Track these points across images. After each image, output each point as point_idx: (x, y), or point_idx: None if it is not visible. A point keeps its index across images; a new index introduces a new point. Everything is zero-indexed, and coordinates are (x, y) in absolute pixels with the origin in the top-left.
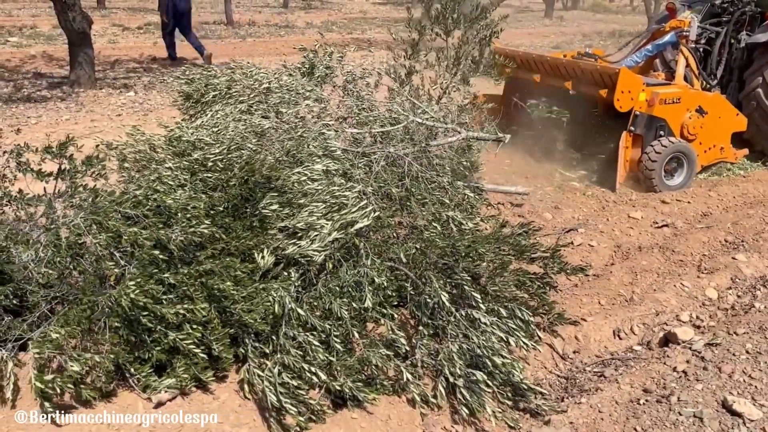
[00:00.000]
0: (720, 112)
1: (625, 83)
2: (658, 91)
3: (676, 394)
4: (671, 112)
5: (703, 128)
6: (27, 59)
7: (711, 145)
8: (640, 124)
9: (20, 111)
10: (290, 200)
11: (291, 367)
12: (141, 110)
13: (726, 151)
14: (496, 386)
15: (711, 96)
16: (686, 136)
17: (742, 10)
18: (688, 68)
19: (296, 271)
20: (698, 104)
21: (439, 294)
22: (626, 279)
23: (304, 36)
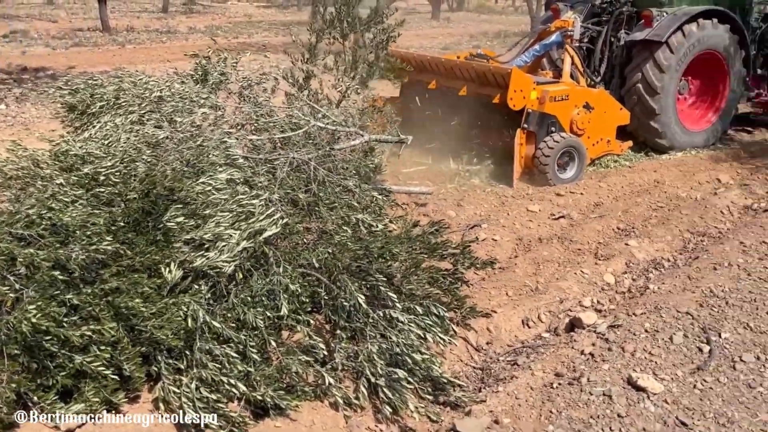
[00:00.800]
0: (605, 107)
1: (517, 82)
2: (548, 89)
3: (586, 375)
4: (561, 108)
5: (591, 123)
6: None
7: (598, 139)
8: (533, 122)
9: None
10: (195, 212)
11: (208, 381)
12: (15, 124)
13: (612, 143)
14: (417, 382)
15: (596, 92)
16: (575, 131)
17: (620, 9)
18: (574, 66)
19: (206, 283)
20: (585, 100)
21: (355, 296)
22: (530, 270)
23: (188, 42)
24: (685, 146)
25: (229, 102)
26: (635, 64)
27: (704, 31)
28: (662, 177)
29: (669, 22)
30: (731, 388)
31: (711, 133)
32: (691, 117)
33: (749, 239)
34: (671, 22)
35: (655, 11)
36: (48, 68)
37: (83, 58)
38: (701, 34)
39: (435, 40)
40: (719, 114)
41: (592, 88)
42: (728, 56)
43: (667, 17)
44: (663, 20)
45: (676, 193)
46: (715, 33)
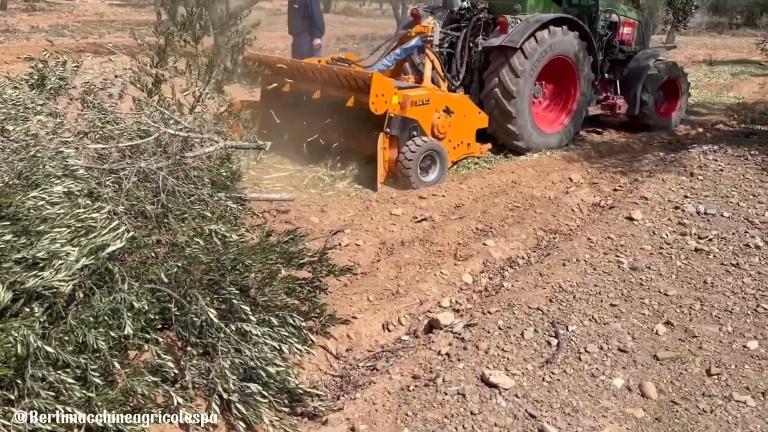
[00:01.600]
0: (465, 111)
1: (379, 87)
2: (409, 93)
3: (441, 375)
4: (422, 113)
5: (451, 127)
6: None
7: (459, 142)
8: (395, 126)
9: None
10: (27, 228)
11: (43, 410)
12: None
13: (472, 146)
14: (272, 395)
15: (456, 97)
16: (436, 135)
17: (478, 16)
18: (434, 71)
19: (40, 305)
20: (445, 105)
21: (206, 311)
22: (392, 273)
23: (29, 42)
24: (540, 147)
25: (71, 109)
26: (492, 69)
27: (555, 38)
28: (519, 178)
29: (523, 29)
30: (576, 378)
31: (564, 135)
32: (545, 119)
33: (596, 235)
34: (525, 29)
35: (510, 18)
36: None
37: None
38: (552, 40)
39: None
40: (571, 116)
41: (453, 93)
42: (578, 61)
43: (521, 24)
44: (517, 27)
45: (531, 192)
46: (565, 39)
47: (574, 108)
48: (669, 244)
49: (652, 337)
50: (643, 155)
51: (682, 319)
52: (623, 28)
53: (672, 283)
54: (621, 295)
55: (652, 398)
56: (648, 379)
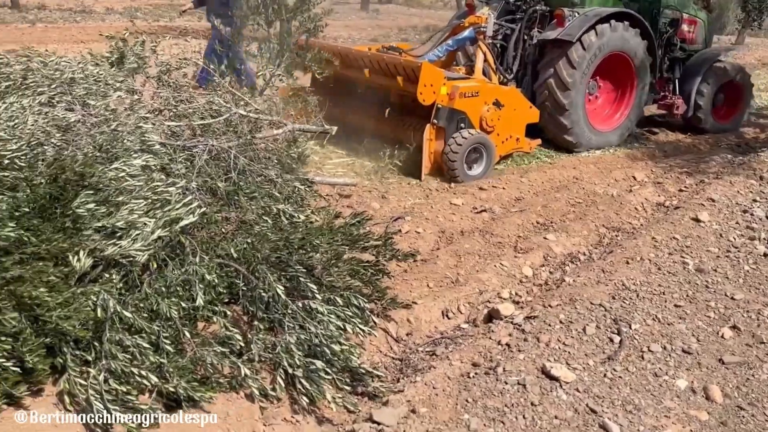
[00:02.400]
0: (515, 105)
1: (428, 77)
2: (458, 84)
3: (502, 365)
4: (471, 105)
5: (500, 120)
6: None
7: (507, 136)
8: (443, 117)
9: None
10: (107, 198)
11: (118, 372)
12: None
13: (521, 141)
14: (335, 373)
15: (507, 90)
16: (485, 128)
17: (533, 8)
18: (486, 63)
19: (118, 272)
20: (495, 97)
21: (274, 287)
22: (451, 262)
23: (104, 22)
24: (591, 145)
25: (147, 87)
26: (547, 62)
27: (614, 33)
28: (581, 173)
29: (581, 22)
30: (639, 377)
31: (617, 134)
32: (598, 117)
33: (660, 235)
34: (583, 22)
35: (567, 11)
36: None
37: None
38: (611, 35)
39: (364, 31)
40: (626, 115)
41: (504, 86)
42: (636, 58)
43: (579, 17)
44: (575, 20)
45: (593, 189)
46: (624, 35)
47: (629, 107)
48: (737, 248)
49: (718, 341)
50: (710, 157)
51: (749, 324)
52: (685, 25)
53: (739, 287)
54: (686, 296)
55: (717, 402)
56: (713, 382)
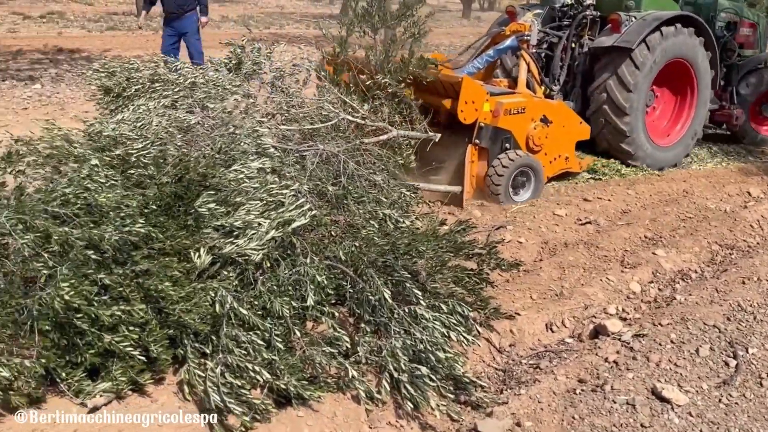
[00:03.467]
0: (564, 121)
1: (469, 93)
2: (503, 101)
3: (609, 383)
4: (516, 123)
5: (548, 138)
6: None
7: (556, 156)
8: (486, 137)
9: None
10: (226, 199)
11: (233, 366)
12: (50, 104)
13: (571, 160)
14: (439, 380)
15: (555, 104)
16: (532, 148)
17: (584, 13)
18: (530, 74)
19: (234, 270)
20: (543, 113)
21: (381, 291)
22: (555, 274)
23: (220, 30)
24: (648, 160)
25: (261, 92)
26: (605, 65)
27: (678, 37)
28: (691, 187)
29: (639, 28)
30: (757, 404)
31: (675, 152)
32: (656, 130)
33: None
34: (641, 28)
35: (624, 16)
36: (83, 50)
37: (118, 42)
38: (675, 40)
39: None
40: (688, 128)
41: (550, 100)
42: (698, 66)
43: (637, 22)
44: (632, 25)
45: (705, 204)
46: (688, 41)
47: (689, 121)
48: None
49: None
50: None
51: None
52: (743, 29)
53: None
54: None
55: None
56: None
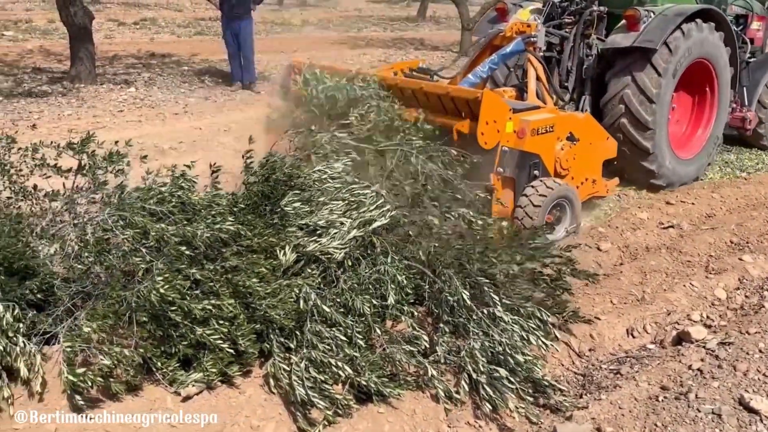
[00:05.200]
0: (591, 137)
1: (490, 111)
2: (529, 118)
3: (694, 391)
4: (544, 144)
5: (576, 159)
6: (24, 53)
7: (583, 179)
8: (510, 163)
9: (21, 106)
10: (310, 198)
11: (316, 361)
12: (143, 106)
13: (598, 183)
14: (518, 383)
15: (582, 119)
16: (559, 172)
17: (590, 9)
18: (539, 82)
19: (317, 268)
20: (569, 130)
21: (459, 292)
22: (636, 279)
23: (301, 34)
24: (673, 177)
25: None
26: (621, 71)
27: (701, 34)
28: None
29: (662, 23)
30: None
31: (697, 164)
32: (677, 141)
33: None
34: (665, 24)
35: (643, 11)
36: (173, 54)
37: (205, 47)
38: (698, 37)
39: None
40: (707, 138)
41: (577, 112)
42: (720, 67)
43: (657, 18)
44: (652, 21)
45: None
46: (710, 38)
47: (712, 123)
48: None
49: None
50: None
51: None
52: (754, 23)
53: None
54: None
55: None
56: None
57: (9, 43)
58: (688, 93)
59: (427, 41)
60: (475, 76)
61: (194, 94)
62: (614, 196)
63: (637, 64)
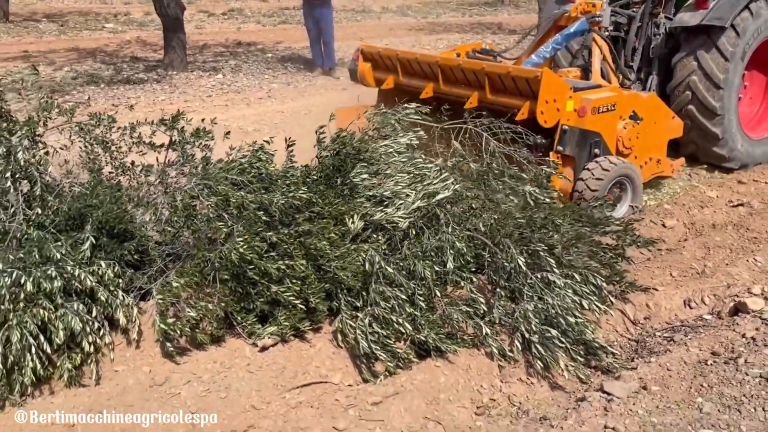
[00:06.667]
0: (656, 117)
1: (550, 90)
2: (589, 97)
3: (744, 356)
4: (606, 122)
5: (639, 138)
6: (123, 44)
7: (647, 159)
8: (570, 142)
9: (121, 92)
10: (377, 171)
11: (380, 319)
12: (230, 92)
13: (663, 163)
14: (569, 343)
15: (646, 98)
16: (621, 151)
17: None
18: (605, 61)
19: (383, 235)
20: (632, 109)
21: (515, 258)
22: (699, 254)
23: (380, 21)
24: (746, 159)
25: None
26: (687, 54)
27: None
28: None
29: (731, 1)
30: None
31: None
32: (749, 121)
33: None
34: (734, 1)
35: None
36: (258, 43)
37: (288, 35)
38: (766, 17)
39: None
40: None
41: (641, 92)
42: None
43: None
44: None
45: None
46: None
47: None
48: None
49: None
50: None
51: None
52: None
53: None
54: None
55: None
56: None
57: (110, 34)
58: (761, 71)
59: (505, 25)
60: (538, 56)
61: (277, 80)
62: (685, 175)
63: (704, 47)
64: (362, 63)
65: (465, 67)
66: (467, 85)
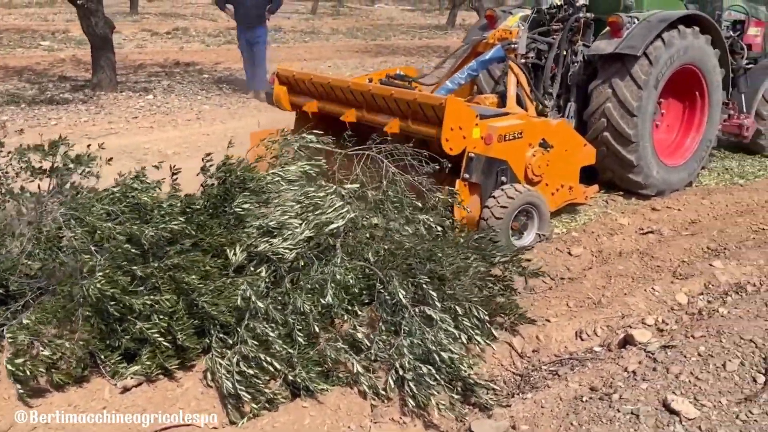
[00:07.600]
0: (567, 144)
1: (455, 116)
2: (495, 124)
3: (619, 392)
4: (513, 150)
5: (549, 166)
6: (56, 63)
7: (558, 186)
8: (476, 170)
9: (42, 113)
10: (267, 200)
11: (249, 357)
12: (158, 113)
13: (575, 190)
14: (445, 380)
15: (556, 125)
16: (531, 179)
17: (576, 15)
18: (520, 88)
19: (268, 267)
20: (542, 136)
21: (396, 291)
22: (600, 283)
23: (328, 42)
24: (661, 185)
25: None
26: (602, 82)
27: (685, 41)
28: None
29: (644, 30)
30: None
31: (689, 170)
32: (665, 148)
33: None
34: (647, 30)
35: (626, 17)
36: (197, 63)
37: (231, 55)
38: (681, 44)
39: None
40: (698, 145)
41: (550, 119)
42: (708, 72)
43: (640, 24)
44: (635, 28)
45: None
46: (695, 43)
47: (703, 127)
48: None
49: None
50: None
51: None
52: (751, 29)
53: None
54: None
55: None
56: None
57: (44, 52)
58: (678, 99)
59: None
60: (453, 82)
61: (209, 101)
62: (602, 202)
63: (618, 75)
64: (278, 86)
65: (375, 92)
66: (378, 110)
